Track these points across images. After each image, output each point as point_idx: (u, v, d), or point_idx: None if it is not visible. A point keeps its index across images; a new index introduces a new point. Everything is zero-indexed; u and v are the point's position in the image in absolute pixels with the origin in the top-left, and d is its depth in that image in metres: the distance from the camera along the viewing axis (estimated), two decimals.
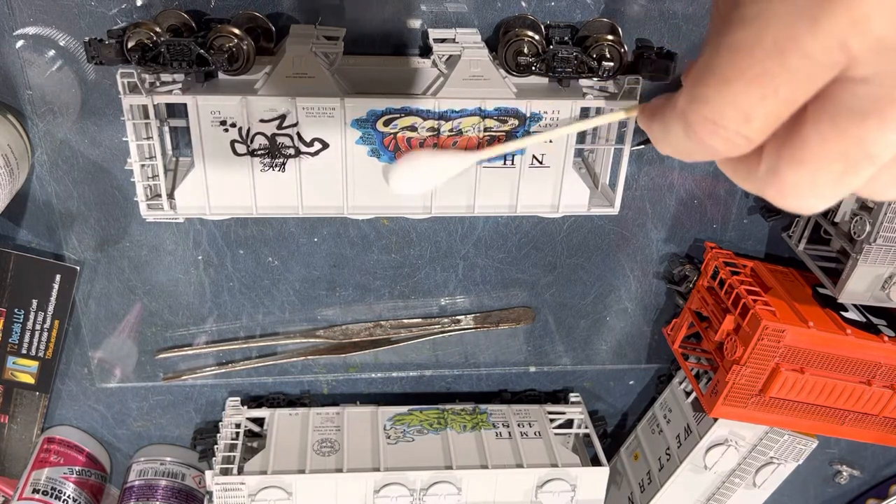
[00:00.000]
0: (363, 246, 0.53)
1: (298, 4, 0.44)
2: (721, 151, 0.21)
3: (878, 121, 0.19)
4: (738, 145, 0.20)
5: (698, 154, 0.22)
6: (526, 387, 0.63)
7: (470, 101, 0.42)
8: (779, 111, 0.19)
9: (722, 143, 0.20)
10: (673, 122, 0.21)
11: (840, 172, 0.20)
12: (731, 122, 0.20)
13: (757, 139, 0.20)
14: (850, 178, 0.20)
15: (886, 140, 0.19)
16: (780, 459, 0.56)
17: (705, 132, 0.20)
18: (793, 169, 0.20)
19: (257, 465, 0.52)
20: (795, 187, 0.21)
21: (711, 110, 0.20)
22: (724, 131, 0.20)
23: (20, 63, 0.44)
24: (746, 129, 0.20)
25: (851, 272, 0.47)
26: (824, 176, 0.20)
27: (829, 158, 0.20)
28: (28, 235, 0.50)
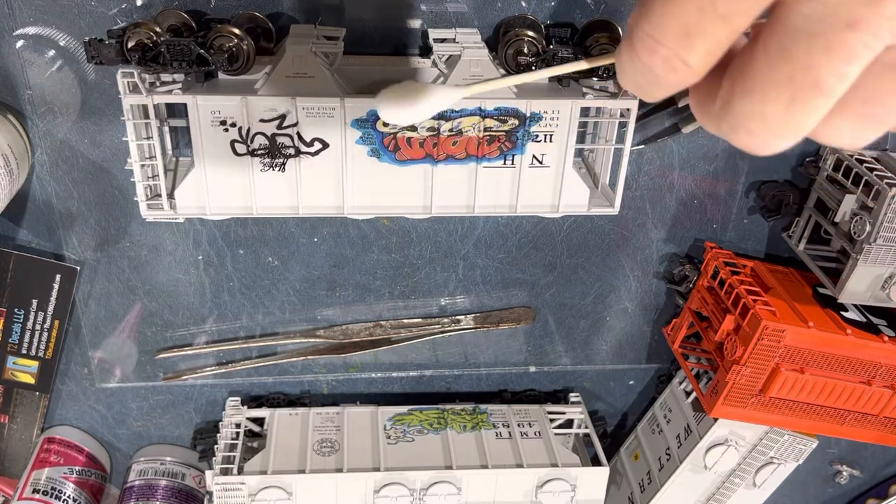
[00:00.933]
0: (363, 246, 0.53)
1: (298, 4, 0.44)
2: (662, 77, 0.20)
3: (823, 43, 0.18)
4: (678, 71, 0.20)
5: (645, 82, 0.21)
6: (526, 387, 0.63)
7: (470, 100, 0.42)
8: (718, 31, 0.19)
9: (662, 65, 0.20)
10: (623, 45, 0.21)
11: (788, 101, 0.19)
12: (671, 39, 0.19)
13: (697, 66, 0.20)
14: (800, 110, 0.19)
15: (834, 67, 0.19)
16: (781, 459, 0.56)
17: (645, 50, 0.20)
18: (742, 98, 0.20)
19: (257, 465, 0.52)
20: (746, 119, 0.20)
21: (651, 24, 0.20)
22: (664, 49, 0.20)
23: (20, 63, 0.44)
24: (686, 51, 0.20)
25: (851, 272, 0.47)
26: (773, 106, 0.20)
27: (777, 85, 0.19)
28: (28, 235, 0.50)
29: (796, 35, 0.19)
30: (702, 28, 0.19)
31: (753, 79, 0.20)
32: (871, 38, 0.18)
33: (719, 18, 0.19)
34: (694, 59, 0.20)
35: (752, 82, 0.20)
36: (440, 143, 0.42)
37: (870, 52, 0.18)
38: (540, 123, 0.43)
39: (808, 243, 0.53)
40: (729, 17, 0.19)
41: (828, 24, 0.18)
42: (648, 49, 0.20)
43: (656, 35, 0.20)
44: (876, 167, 0.46)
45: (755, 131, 0.20)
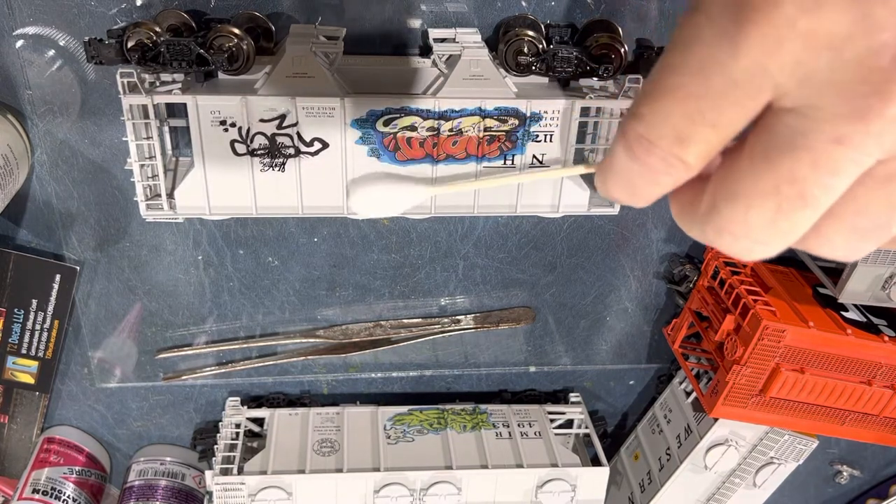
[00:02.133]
0: (363, 246, 0.53)
1: (298, 4, 0.44)
2: (660, 172, 0.20)
3: (809, 156, 0.18)
4: (675, 168, 0.20)
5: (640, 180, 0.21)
6: (526, 387, 0.63)
7: (470, 100, 0.42)
8: (709, 137, 0.19)
9: (659, 163, 0.20)
10: (617, 145, 0.21)
11: (773, 211, 0.19)
12: (665, 141, 0.20)
13: (694, 164, 0.20)
14: (785, 220, 0.19)
15: (820, 181, 0.18)
16: (781, 459, 0.56)
17: (641, 149, 0.20)
18: (727, 204, 0.20)
19: (257, 465, 0.52)
20: (730, 224, 0.20)
21: (646, 127, 0.20)
22: (659, 151, 0.20)
23: (20, 63, 0.44)
24: (680, 151, 0.20)
25: (852, 272, 0.47)
26: (757, 214, 0.19)
27: (762, 195, 0.19)
28: (28, 235, 0.50)
29: (781, 146, 0.18)
30: (693, 135, 0.19)
31: (738, 185, 0.20)
32: (859, 154, 0.18)
33: (709, 126, 0.19)
34: (691, 159, 0.20)
35: (737, 188, 0.20)
36: (440, 143, 0.42)
37: (857, 168, 0.18)
38: (540, 123, 0.43)
39: None
40: (718, 125, 0.19)
41: (814, 139, 0.18)
42: (645, 150, 0.20)
43: (651, 138, 0.20)
44: None
45: (739, 237, 0.20)
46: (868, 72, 0.17)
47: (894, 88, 0.17)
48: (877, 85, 0.17)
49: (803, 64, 0.17)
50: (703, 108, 0.19)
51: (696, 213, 0.21)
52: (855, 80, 0.17)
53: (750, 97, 0.18)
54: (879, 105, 0.17)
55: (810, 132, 0.18)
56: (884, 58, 0.17)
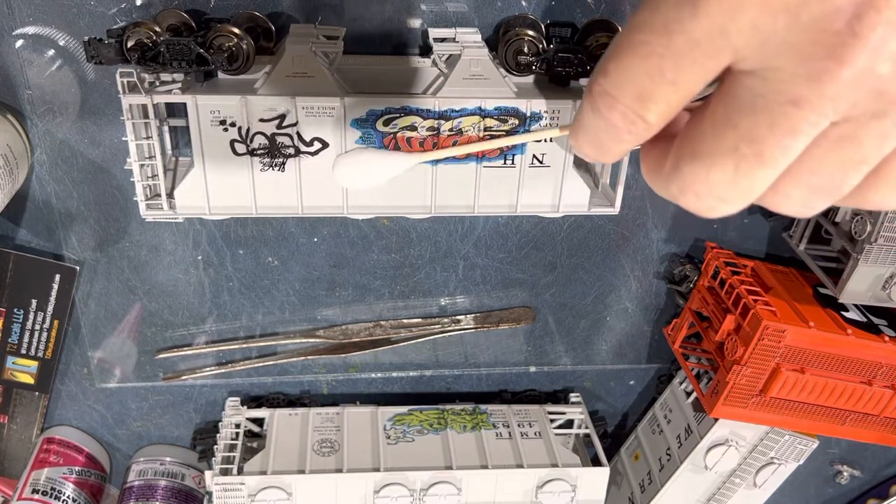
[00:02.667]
0: (363, 246, 0.53)
1: (298, 4, 0.44)
2: (622, 129, 0.21)
3: (767, 117, 0.19)
4: (636, 125, 0.21)
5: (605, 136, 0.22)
6: (526, 387, 0.63)
7: (470, 100, 0.42)
8: (669, 95, 0.20)
9: (621, 119, 0.21)
10: (584, 102, 0.22)
11: (733, 170, 0.20)
12: (627, 97, 0.20)
13: (654, 122, 0.20)
14: (744, 178, 0.20)
15: (777, 141, 0.19)
16: (781, 460, 0.56)
17: (604, 105, 0.21)
18: (690, 163, 0.21)
19: (257, 465, 0.52)
20: (692, 183, 0.21)
21: (609, 82, 0.20)
22: (621, 106, 0.20)
23: (20, 63, 0.44)
24: (641, 108, 0.20)
25: (852, 272, 0.47)
26: (717, 173, 0.20)
27: (722, 154, 0.20)
28: (27, 235, 0.50)
29: (741, 107, 0.19)
30: (653, 92, 0.20)
31: (700, 145, 0.20)
32: (815, 115, 0.18)
33: (669, 84, 0.19)
34: (651, 116, 0.20)
35: (699, 148, 0.20)
36: (440, 142, 0.42)
37: (814, 128, 0.19)
38: (540, 123, 0.43)
39: (809, 243, 0.52)
40: (678, 84, 0.19)
41: (772, 100, 0.19)
42: (608, 105, 0.21)
43: (614, 93, 0.20)
44: None
45: (701, 195, 0.21)
46: (823, 35, 0.17)
47: (848, 52, 0.17)
48: (832, 48, 0.17)
49: (761, 27, 0.18)
50: (664, 67, 0.19)
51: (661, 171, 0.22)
52: (811, 42, 0.17)
53: (709, 57, 0.19)
54: (835, 67, 0.17)
55: (768, 94, 0.18)
56: (838, 21, 0.17)
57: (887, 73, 0.17)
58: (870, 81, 0.18)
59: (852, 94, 0.18)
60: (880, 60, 0.17)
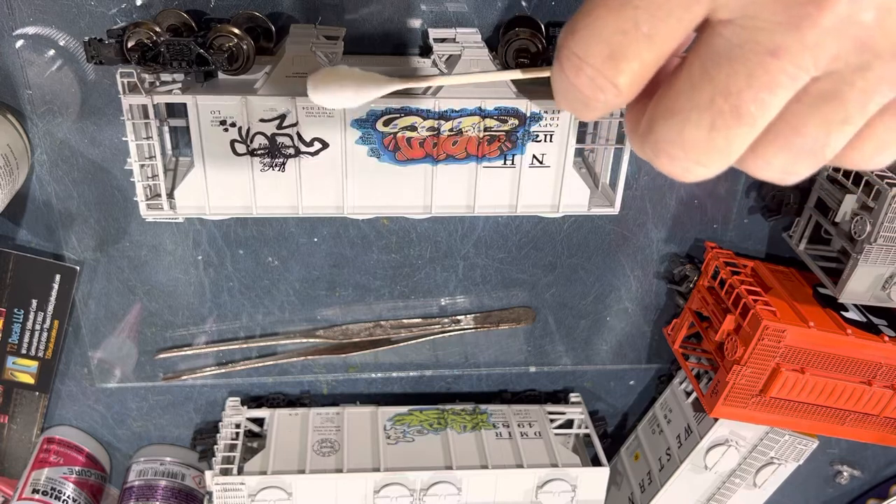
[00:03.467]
0: (363, 246, 0.53)
1: (298, 4, 0.44)
2: (588, 95, 0.20)
3: (744, 69, 0.18)
4: (606, 91, 0.19)
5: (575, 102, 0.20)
6: (526, 387, 0.63)
7: (470, 100, 0.42)
8: (643, 53, 0.19)
9: (588, 85, 0.19)
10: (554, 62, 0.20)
11: (708, 127, 0.19)
12: (596, 58, 0.19)
13: (624, 88, 0.19)
14: (721, 137, 0.19)
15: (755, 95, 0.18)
16: (781, 459, 0.56)
17: (571, 68, 0.20)
18: (664, 121, 0.19)
19: (257, 465, 0.52)
20: (667, 143, 0.20)
21: (577, 42, 0.19)
22: (589, 69, 0.19)
23: (20, 63, 0.44)
24: (611, 71, 0.19)
25: (852, 272, 0.47)
26: (692, 130, 0.19)
27: (698, 109, 0.19)
28: (28, 235, 0.50)
29: (718, 59, 0.18)
30: (626, 50, 0.19)
31: (675, 100, 0.19)
32: (793, 67, 0.18)
33: (644, 38, 0.18)
34: (622, 80, 0.19)
35: (673, 104, 0.19)
36: (440, 142, 0.42)
37: (793, 82, 0.18)
38: (540, 123, 0.43)
39: (809, 243, 0.52)
40: (653, 38, 0.18)
41: (749, 50, 0.18)
42: (574, 68, 0.19)
43: (581, 54, 0.19)
44: None
45: (676, 156, 0.20)
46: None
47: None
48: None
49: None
50: (638, 19, 0.18)
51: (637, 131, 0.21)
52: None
53: (686, 8, 0.18)
54: (816, 13, 0.17)
55: (746, 43, 0.18)
56: None
57: (870, 20, 0.17)
58: (852, 30, 0.17)
59: (834, 44, 0.17)
60: (863, 6, 0.16)
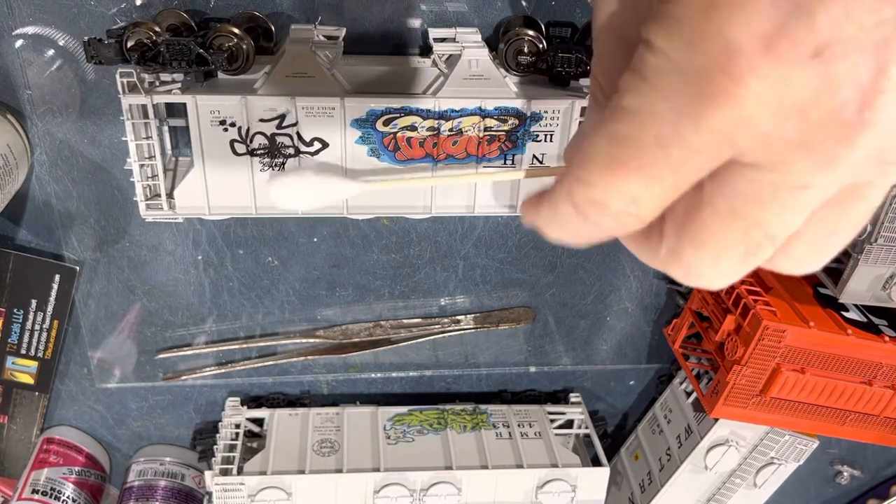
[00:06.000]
0: (363, 246, 0.53)
1: (298, 4, 0.44)
2: (613, 229, 0.20)
3: (775, 205, 0.18)
4: (628, 223, 0.20)
5: (590, 232, 0.21)
6: (526, 387, 0.63)
7: (470, 100, 0.42)
8: (666, 194, 0.19)
9: (612, 222, 0.20)
10: (562, 202, 0.21)
11: (743, 255, 0.20)
12: (618, 203, 0.19)
13: (648, 217, 0.20)
14: (753, 258, 0.20)
15: (784, 221, 0.19)
16: (781, 460, 0.56)
17: (593, 212, 0.20)
18: (694, 251, 0.20)
19: (257, 465, 0.52)
20: (699, 268, 0.20)
21: (597, 193, 0.20)
22: (613, 211, 0.20)
23: (19, 62, 0.44)
24: (635, 209, 0.20)
25: (852, 272, 0.47)
26: (727, 258, 0.20)
27: (731, 241, 0.19)
28: (27, 235, 0.50)
29: (747, 199, 0.19)
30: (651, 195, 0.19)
31: (704, 234, 0.20)
32: (823, 192, 0.18)
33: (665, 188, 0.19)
34: (645, 213, 0.20)
35: (702, 236, 0.20)
36: (440, 142, 0.42)
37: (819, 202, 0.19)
38: (540, 123, 0.43)
39: None
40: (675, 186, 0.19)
41: (781, 189, 0.18)
42: (598, 212, 0.20)
43: (603, 202, 0.20)
44: None
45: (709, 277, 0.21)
46: (833, 127, 0.17)
47: (859, 138, 0.17)
48: (842, 137, 0.17)
49: (771, 132, 0.17)
50: (661, 175, 0.19)
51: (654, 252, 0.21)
52: (820, 136, 0.17)
53: (712, 162, 0.18)
54: (846, 153, 0.17)
55: (776, 184, 0.18)
56: (847, 112, 0.17)
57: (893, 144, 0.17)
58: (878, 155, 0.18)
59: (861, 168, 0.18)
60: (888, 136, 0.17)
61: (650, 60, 0.18)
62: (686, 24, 0.17)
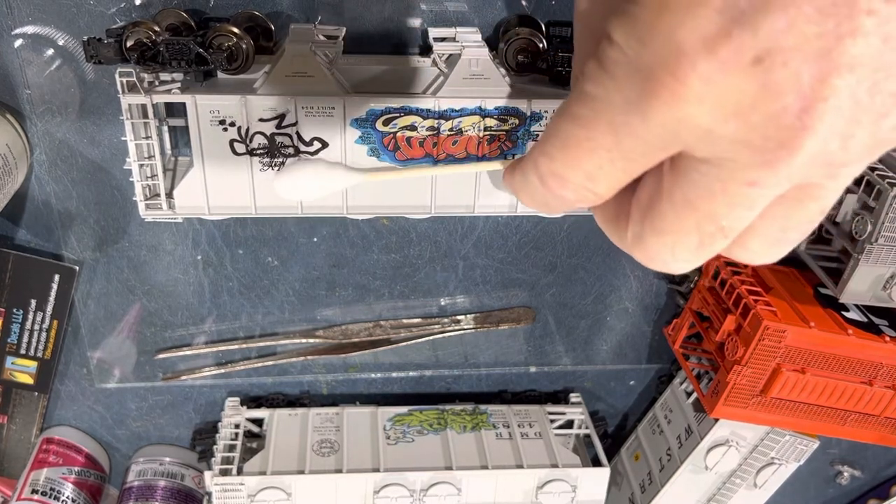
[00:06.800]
0: (363, 246, 0.53)
1: (298, 3, 0.44)
2: (574, 202, 0.22)
3: (724, 198, 0.20)
4: (588, 198, 0.22)
5: (554, 203, 0.23)
6: (526, 387, 0.62)
7: (470, 100, 0.41)
8: (619, 176, 0.21)
9: (572, 194, 0.22)
10: (529, 171, 0.22)
11: (696, 244, 0.21)
12: (576, 178, 0.21)
13: (605, 194, 0.22)
14: (707, 248, 0.21)
15: (736, 215, 0.20)
16: (782, 460, 0.56)
17: (554, 183, 0.22)
18: (655, 238, 0.22)
19: (257, 465, 0.52)
20: (659, 254, 0.22)
21: (557, 167, 0.21)
22: (572, 185, 0.21)
23: (19, 62, 0.44)
24: (592, 186, 0.21)
25: (853, 272, 0.47)
26: (682, 246, 0.21)
27: (685, 231, 0.21)
28: (27, 235, 0.50)
29: (698, 191, 0.20)
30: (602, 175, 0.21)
31: (662, 222, 0.21)
32: (771, 190, 0.19)
33: (619, 171, 0.20)
34: (603, 191, 0.21)
35: (661, 225, 0.21)
36: (440, 142, 0.42)
37: (769, 199, 0.20)
38: (540, 123, 0.43)
39: (810, 243, 0.52)
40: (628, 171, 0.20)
41: (729, 184, 0.19)
42: (558, 185, 0.22)
43: (563, 175, 0.21)
44: (877, 166, 0.46)
45: (668, 262, 0.22)
46: (774, 130, 0.18)
47: (799, 141, 0.18)
48: (783, 140, 0.18)
49: (713, 130, 0.18)
50: (613, 158, 0.20)
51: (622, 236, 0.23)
52: (762, 138, 0.18)
53: (660, 151, 0.20)
54: (787, 156, 0.18)
55: (725, 179, 0.19)
56: (787, 117, 0.17)
57: (836, 148, 0.18)
58: (822, 158, 0.18)
59: (806, 170, 0.19)
60: (830, 140, 0.18)
61: (609, 53, 0.19)
62: (641, 23, 0.18)
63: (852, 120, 0.18)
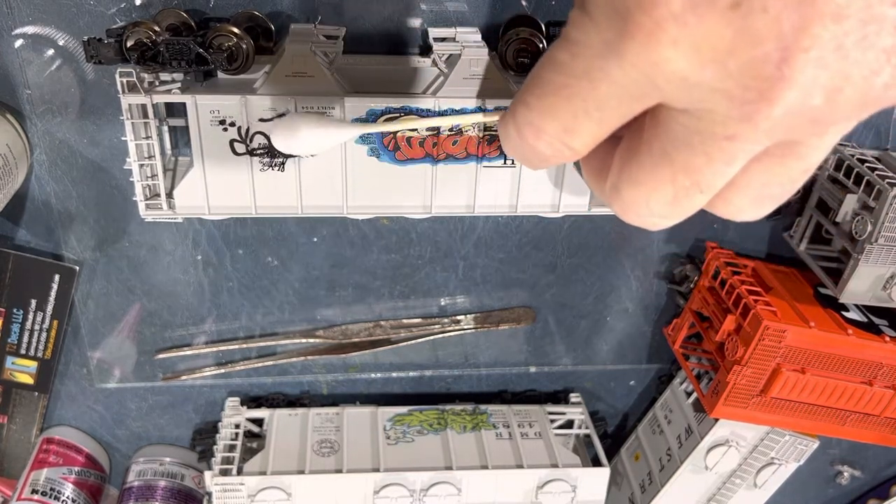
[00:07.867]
0: (363, 246, 0.53)
1: (298, 3, 0.44)
2: (548, 155, 0.22)
3: (702, 151, 0.19)
4: (562, 152, 0.21)
5: (532, 156, 0.22)
6: (526, 387, 0.62)
7: (470, 100, 0.41)
8: (594, 130, 0.20)
9: (547, 147, 0.21)
10: (509, 121, 0.22)
11: (671, 196, 0.21)
12: (551, 129, 0.21)
13: (581, 150, 0.21)
14: (683, 201, 0.21)
15: (714, 170, 0.19)
16: (782, 460, 0.56)
17: (530, 134, 0.21)
18: (630, 189, 0.21)
19: (257, 465, 0.52)
20: (634, 206, 0.22)
21: (534, 116, 0.21)
22: (547, 136, 0.21)
23: (19, 62, 0.44)
24: (567, 139, 0.21)
25: (853, 272, 0.47)
26: (657, 198, 0.21)
27: (661, 182, 0.20)
28: (27, 235, 0.50)
29: (676, 142, 0.19)
30: (579, 127, 0.20)
31: (639, 172, 0.21)
32: (750, 145, 0.19)
33: (595, 121, 0.20)
34: (578, 146, 0.21)
35: (637, 175, 0.21)
36: (440, 142, 0.42)
37: (749, 155, 0.19)
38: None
39: (810, 243, 0.52)
40: (603, 121, 0.20)
41: (707, 136, 0.19)
42: (534, 136, 0.21)
43: (538, 125, 0.21)
44: (877, 167, 0.46)
45: (643, 216, 0.22)
46: (753, 80, 0.17)
47: (778, 93, 0.17)
48: (762, 91, 0.17)
49: (689, 77, 0.18)
50: (588, 108, 0.20)
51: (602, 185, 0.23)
52: (741, 87, 0.17)
53: (636, 101, 0.19)
54: (767, 108, 0.18)
55: (703, 131, 0.19)
56: (767, 66, 0.17)
57: (820, 103, 0.18)
58: (803, 112, 0.18)
59: (787, 125, 0.18)
60: (812, 94, 0.17)
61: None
62: None
63: (839, 74, 0.17)
